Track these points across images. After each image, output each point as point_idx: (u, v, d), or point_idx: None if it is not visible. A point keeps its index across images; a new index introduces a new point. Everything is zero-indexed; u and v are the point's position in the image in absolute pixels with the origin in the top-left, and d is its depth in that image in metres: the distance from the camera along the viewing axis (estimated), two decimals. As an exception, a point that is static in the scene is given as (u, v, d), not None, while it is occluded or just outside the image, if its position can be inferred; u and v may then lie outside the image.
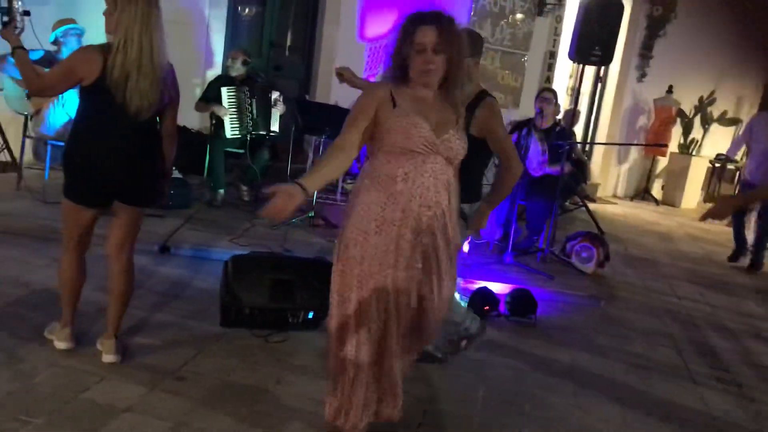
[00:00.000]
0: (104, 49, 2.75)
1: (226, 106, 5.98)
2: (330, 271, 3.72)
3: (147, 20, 2.73)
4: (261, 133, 6.13)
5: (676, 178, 10.78)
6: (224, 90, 5.98)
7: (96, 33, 2.99)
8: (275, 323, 3.63)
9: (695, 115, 10.70)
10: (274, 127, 6.25)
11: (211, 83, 6.23)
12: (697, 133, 10.78)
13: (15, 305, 3.50)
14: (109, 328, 3.07)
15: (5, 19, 3.01)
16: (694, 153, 10.70)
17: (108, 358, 3.03)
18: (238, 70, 6.13)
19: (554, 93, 6.05)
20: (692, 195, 10.80)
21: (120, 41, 2.72)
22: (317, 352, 3.48)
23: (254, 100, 6.06)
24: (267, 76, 7.05)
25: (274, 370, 3.22)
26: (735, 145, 8.13)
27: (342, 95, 7.70)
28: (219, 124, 6.05)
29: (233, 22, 7.57)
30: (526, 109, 8.84)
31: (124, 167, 2.87)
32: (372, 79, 8.09)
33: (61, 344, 3.06)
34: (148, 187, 3.02)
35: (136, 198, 3.00)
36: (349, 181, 7.20)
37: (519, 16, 8.79)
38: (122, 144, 2.84)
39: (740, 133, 8.91)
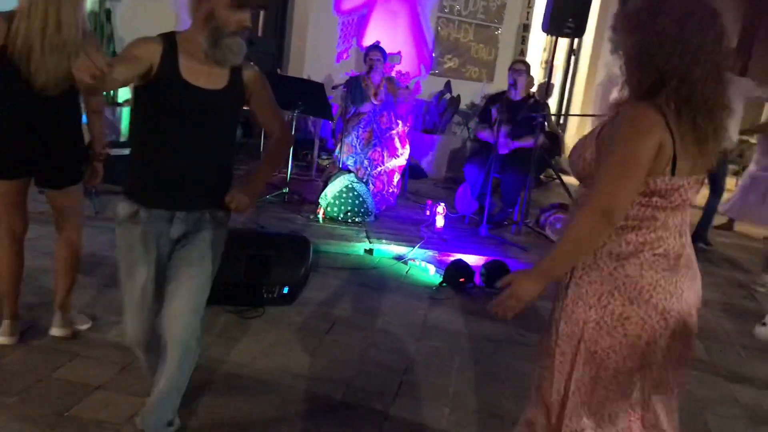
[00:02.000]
0: (9, 16, 2.58)
1: None
2: (305, 246, 3.71)
3: None
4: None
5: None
6: None
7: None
8: (251, 299, 3.62)
9: None
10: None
11: None
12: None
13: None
14: (55, 304, 2.97)
15: None
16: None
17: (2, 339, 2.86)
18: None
19: (527, 65, 6.05)
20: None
21: (24, 8, 2.56)
22: (293, 327, 3.48)
23: None
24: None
25: (250, 345, 3.22)
26: None
27: (315, 71, 7.65)
28: None
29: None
30: (501, 82, 8.83)
31: (35, 146, 2.70)
32: (345, 55, 8.04)
33: (2, 339, 2.87)
34: (62, 168, 2.83)
35: (51, 179, 2.83)
36: (324, 157, 7.17)
37: (492, -12, 8.75)
38: (30, 120, 2.68)
39: None
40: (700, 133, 1.64)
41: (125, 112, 6.74)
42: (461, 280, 4.38)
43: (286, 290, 3.69)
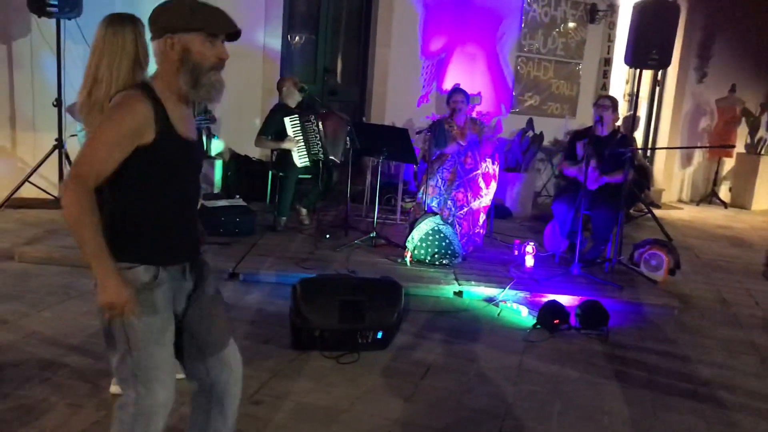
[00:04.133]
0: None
1: (292, 135, 6.06)
2: (398, 290, 3.74)
3: None
4: (330, 158, 6.18)
5: (745, 179, 10.40)
6: (287, 120, 6.05)
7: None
8: (345, 344, 3.65)
9: (761, 113, 10.34)
10: (342, 157, 6.26)
11: (268, 116, 6.24)
12: (764, 131, 10.41)
13: (97, 336, 3.61)
14: None
15: None
16: (762, 152, 10.32)
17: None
18: (295, 98, 6.23)
19: (613, 100, 5.95)
20: (764, 196, 10.40)
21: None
22: (387, 372, 3.49)
23: (321, 127, 6.11)
24: (323, 101, 7.16)
25: (348, 391, 3.24)
26: None
27: (396, 116, 7.79)
28: (285, 152, 6.12)
29: (287, 51, 7.75)
30: (583, 117, 8.73)
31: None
32: (426, 99, 8.16)
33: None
34: None
35: None
36: (407, 200, 7.23)
37: (571, 24, 8.71)
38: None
39: None
40: None
41: (218, 165, 7.04)
42: (555, 321, 4.28)
43: (380, 335, 3.71)
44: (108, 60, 2.67)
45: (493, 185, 6.03)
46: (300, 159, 6.07)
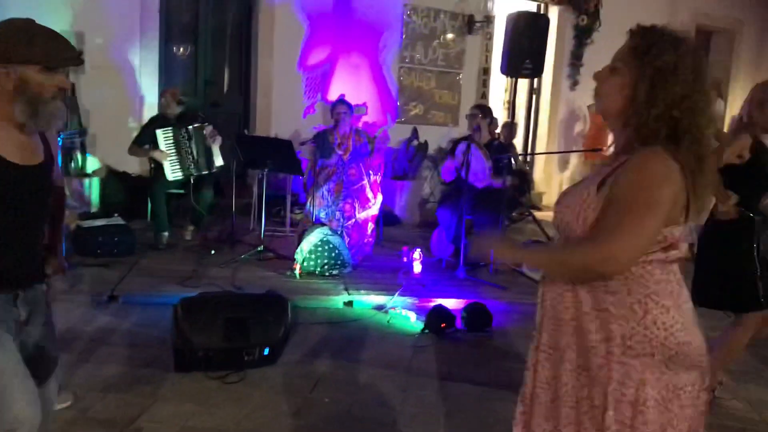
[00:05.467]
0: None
1: (164, 149, 5.89)
2: (283, 305, 3.70)
3: None
4: (203, 173, 6.06)
5: (617, 179, 11.04)
6: (159, 132, 5.88)
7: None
8: (231, 363, 3.56)
9: (629, 117, 11.03)
10: (218, 161, 6.17)
11: (144, 126, 6.12)
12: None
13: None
14: None
15: None
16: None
17: None
18: (173, 110, 6.06)
19: (482, 109, 6.16)
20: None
21: None
22: (275, 389, 3.43)
23: (192, 140, 5.99)
24: (205, 113, 7.01)
25: (234, 410, 3.16)
26: None
27: (282, 128, 7.72)
28: (158, 166, 5.95)
29: (166, 64, 7.51)
30: (466, 125, 8.98)
31: None
32: (312, 110, 8.14)
33: None
34: None
35: None
36: (297, 211, 7.17)
37: (450, 36, 8.96)
38: None
39: None
40: (706, 181, 1.56)
41: (95, 183, 6.72)
42: (443, 325, 4.37)
43: (266, 351, 3.64)
44: None
45: (380, 195, 6.10)
46: (172, 173, 5.90)
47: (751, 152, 3.26)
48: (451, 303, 4.73)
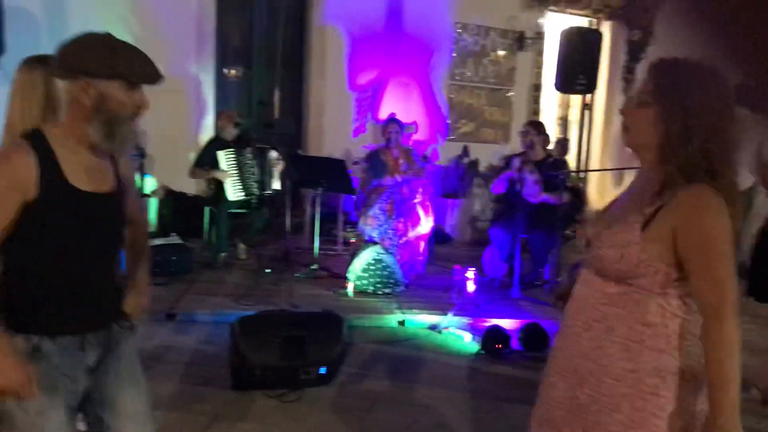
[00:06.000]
0: None
1: (226, 169, 6.01)
2: (339, 324, 3.70)
3: None
4: (266, 192, 6.17)
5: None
6: (221, 154, 6.01)
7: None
8: (288, 381, 3.58)
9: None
10: (276, 185, 6.29)
11: (203, 148, 6.24)
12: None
13: None
14: None
15: None
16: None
17: None
18: (230, 132, 6.18)
19: (535, 125, 6.09)
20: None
21: None
22: (333, 408, 3.43)
23: (253, 161, 6.11)
24: (258, 134, 7.13)
25: (292, 430, 3.17)
26: None
27: (334, 147, 7.79)
28: (219, 186, 6.06)
29: (220, 85, 7.68)
30: (517, 142, 8.89)
31: None
32: (362, 129, 8.20)
33: None
34: None
35: None
36: (348, 230, 7.20)
37: (500, 52, 8.93)
38: None
39: None
40: (740, 207, 1.60)
41: (152, 203, 6.88)
42: (498, 346, 4.31)
43: (323, 370, 3.64)
44: (20, 104, 2.59)
45: (431, 213, 6.09)
46: (234, 192, 6.01)
47: None
48: (506, 323, 4.67)
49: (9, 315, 1.69)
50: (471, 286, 5.46)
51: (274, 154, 6.24)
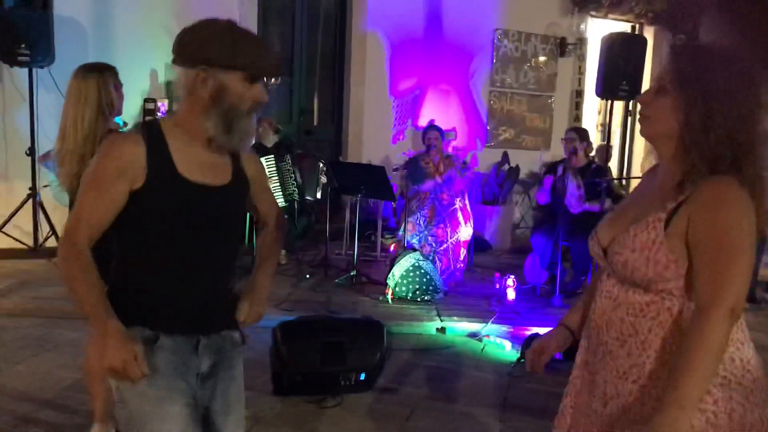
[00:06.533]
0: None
1: (268, 176, 6.09)
2: (379, 330, 3.69)
3: None
4: (307, 198, 6.24)
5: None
6: (261, 160, 6.08)
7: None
8: (328, 387, 3.59)
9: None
10: (318, 194, 6.35)
11: None
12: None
13: (72, 389, 3.53)
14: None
15: None
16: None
17: None
18: (270, 139, 6.26)
19: (578, 131, 6.01)
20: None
21: None
22: (372, 415, 3.43)
23: (296, 167, 6.18)
24: (299, 141, 7.20)
25: (332, 436, 3.18)
26: None
27: (373, 154, 7.81)
28: None
29: (262, 92, 7.77)
30: (558, 149, 8.81)
31: None
32: (401, 136, 8.21)
33: None
34: None
35: None
36: (387, 236, 7.21)
37: (542, 58, 8.86)
38: None
39: None
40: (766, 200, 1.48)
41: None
42: (539, 354, 4.25)
43: (363, 376, 3.65)
44: (73, 111, 2.68)
45: (471, 220, 6.06)
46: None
47: None
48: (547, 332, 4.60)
49: (122, 306, 1.60)
50: (511, 294, 5.42)
51: (321, 163, 6.31)
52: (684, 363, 1.39)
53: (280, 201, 6.11)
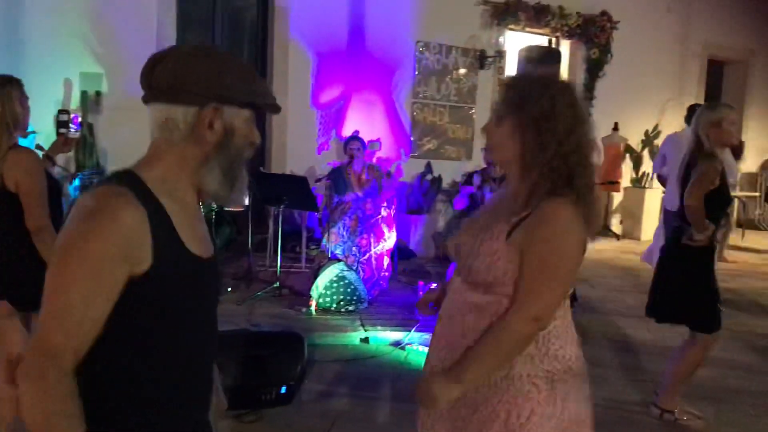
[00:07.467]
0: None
1: None
2: (300, 343, 3.67)
3: None
4: (226, 209, 6.11)
5: (633, 211, 11.00)
6: None
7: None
8: (247, 402, 3.53)
9: (643, 149, 11.01)
10: (246, 200, 6.22)
11: None
12: (647, 166, 11.07)
13: None
14: None
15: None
16: (646, 186, 10.96)
17: None
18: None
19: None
20: (651, 227, 10.99)
21: None
22: (292, 428, 3.39)
23: None
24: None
25: (251, 452, 3.13)
26: (655, 167, 7.39)
27: (297, 164, 7.78)
28: None
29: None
30: (479, 159, 9.00)
31: None
32: (326, 146, 8.21)
33: None
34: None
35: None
36: (312, 247, 7.18)
37: (462, 71, 9.04)
38: None
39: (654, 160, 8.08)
40: (597, 210, 1.72)
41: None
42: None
43: (283, 390, 3.61)
44: None
45: (394, 229, 6.11)
46: None
47: None
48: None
49: (115, 419, 1.23)
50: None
51: None
52: (476, 350, 1.62)
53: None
